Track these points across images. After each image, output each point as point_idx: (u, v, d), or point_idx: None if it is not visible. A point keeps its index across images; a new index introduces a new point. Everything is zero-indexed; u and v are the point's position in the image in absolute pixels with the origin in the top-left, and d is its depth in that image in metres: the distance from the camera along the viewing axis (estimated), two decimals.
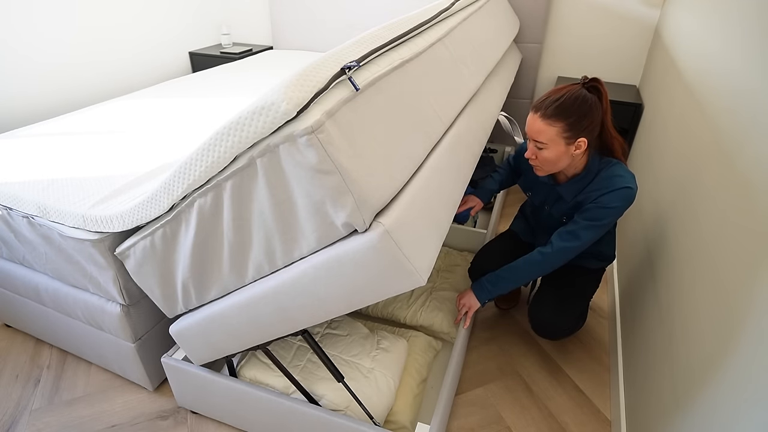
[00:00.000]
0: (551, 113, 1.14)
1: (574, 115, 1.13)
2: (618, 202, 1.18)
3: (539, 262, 1.29)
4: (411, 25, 1.12)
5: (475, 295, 1.41)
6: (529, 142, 1.22)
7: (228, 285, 1.02)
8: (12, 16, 2.02)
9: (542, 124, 1.15)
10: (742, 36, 1.07)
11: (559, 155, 1.18)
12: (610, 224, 1.23)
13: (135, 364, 1.39)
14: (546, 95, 1.18)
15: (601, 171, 1.23)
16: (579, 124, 1.14)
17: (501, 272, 1.37)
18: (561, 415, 1.39)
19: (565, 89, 1.16)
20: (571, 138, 1.15)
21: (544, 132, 1.15)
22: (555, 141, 1.16)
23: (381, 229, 0.76)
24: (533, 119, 1.17)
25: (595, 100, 1.15)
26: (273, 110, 0.71)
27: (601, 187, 1.21)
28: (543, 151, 1.18)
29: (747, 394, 0.68)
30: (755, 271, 0.74)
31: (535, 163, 1.24)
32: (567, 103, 1.13)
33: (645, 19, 2.22)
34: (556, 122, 1.14)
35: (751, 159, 0.85)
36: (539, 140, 1.17)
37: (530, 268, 1.31)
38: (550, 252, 1.27)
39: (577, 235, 1.24)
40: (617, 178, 1.19)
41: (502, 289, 1.37)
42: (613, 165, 1.23)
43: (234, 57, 2.82)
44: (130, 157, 1.48)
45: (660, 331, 1.15)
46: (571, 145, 1.17)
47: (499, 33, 1.89)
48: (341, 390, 1.22)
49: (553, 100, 1.14)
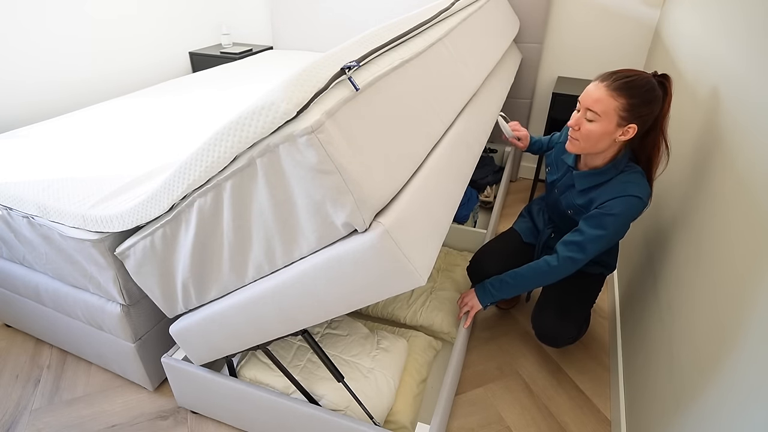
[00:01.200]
0: (619, 86, 1.08)
1: (638, 97, 1.08)
2: (623, 208, 1.15)
3: (545, 272, 1.28)
4: (411, 25, 1.12)
5: (478, 297, 1.41)
6: (578, 112, 1.17)
7: (228, 285, 1.02)
8: (12, 18, 2.02)
9: (605, 94, 1.10)
10: (742, 36, 1.07)
11: (604, 133, 1.13)
12: (617, 234, 1.19)
13: (135, 364, 1.39)
14: (616, 70, 1.13)
15: (621, 174, 1.20)
16: (639, 109, 1.09)
17: (506, 278, 1.36)
18: (561, 415, 1.39)
19: (637, 72, 1.11)
20: (625, 120, 1.11)
21: (603, 101, 1.10)
22: (609, 116, 1.10)
23: (381, 229, 0.76)
24: (596, 87, 1.11)
25: (661, 95, 1.12)
26: (273, 110, 0.71)
27: (613, 191, 1.18)
28: (591, 123, 1.13)
29: (747, 394, 0.68)
30: (755, 271, 0.74)
31: (575, 134, 1.18)
32: (637, 83, 1.09)
33: (645, 19, 2.22)
34: (619, 97, 1.09)
35: (751, 159, 0.85)
36: (594, 109, 1.11)
37: (536, 278, 1.31)
38: (556, 265, 1.26)
39: (583, 248, 1.22)
40: (631, 185, 1.16)
41: (505, 295, 1.37)
42: (634, 172, 1.19)
43: (234, 57, 2.82)
44: (130, 157, 1.47)
45: (660, 331, 1.15)
46: (621, 127, 1.12)
47: (499, 33, 1.89)
48: (341, 390, 1.22)
49: (623, 75, 1.10)
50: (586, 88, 1.16)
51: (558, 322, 1.37)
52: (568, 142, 1.22)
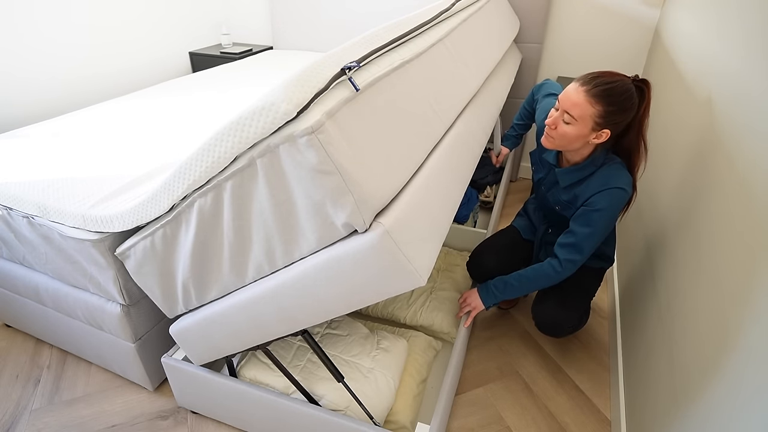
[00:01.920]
0: (598, 93, 1.09)
1: (616, 105, 1.10)
2: (607, 202, 1.18)
3: (549, 276, 1.30)
4: (411, 26, 1.12)
5: (481, 298, 1.41)
6: (556, 111, 1.18)
7: (228, 285, 1.02)
8: (11, 18, 2.02)
9: (583, 99, 1.10)
10: (742, 36, 1.07)
11: (579, 136, 1.15)
12: (606, 228, 1.22)
13: (135, 364, 1.39)
14: (597, 73, 1.13)
15: (601, 167, 1.22)
16: (614, 116, 1.11)
17: (510, 279, 1.37)
18: (561, 415, 1.39)
19: (618, 77, 1.12)
20: (599, 126, 1.13)
21: (581, 107, 1.11)
22: (585, 120, 1.12)
23: (381, 230, 0.76)
24: (577, 91, 1.12)
25: (637, 101, 1.13)
26: (273, 110, 0.71)
27: (596, 185, 1.21)
28: (567, 126, 1.15)
29: (747, 394, 0.68)
30: (755, 271, 0.74)
31: (551, 132, 1.19)
32: (617, 90, 1.10)
33: (645, 19, 2.22)
34: (596, 104, 1.10)
35: (751, 159, 0.85)
36: (571, 113, 1.12)
37: (540, 281, 1.32)
38: (560, 270, 1.28)
39: (579, 249, 1.25)
40: (613, 177, 1.19)
41: (508, 296, 1.37)
42: (614, 163, 1.21)
43: (234, 57, 2.82)
44: (130, 157, 1.47)
45: (660, 331, 1.15)
46: (594, 132, 1.14)
47: (499, 33, 1.89)
48: (341, 390, 1.22)
49: (604, 81, 1.10)
50: (566, 89, 1.16)
51: (559, 310, 1.38)
52: (544, 137, 1.24)
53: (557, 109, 1.18)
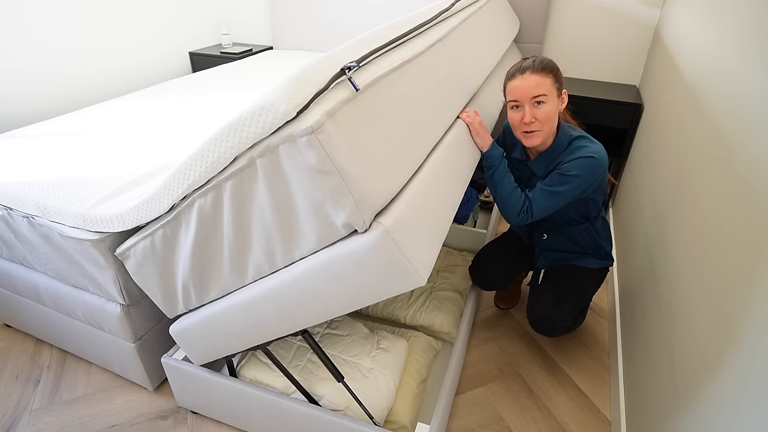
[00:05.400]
0: (541, 67, 1.20)
1: (554, 68, 1.22)
2: (579, 170, 1.21)
3: (514, 206, 1.27)
4: (411, 26, 1.12)
5: (486, 144, 1.31)
6: (523, 108, 1.22)
7: (228, 285, 1.02)
8: (11, 17, 2.02)
9: (538, 77, 1.19)
10: (742, 36, 1.07)
11: (555, 108, 1.22)
12: (571, 192, 1.23)
13: (135, 364, 1.39)
14: (520, 63, 1.24)
15: (571, 143, 1.27)
16: (559, 77, 1.23)
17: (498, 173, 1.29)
18: (561, 415, 1.39)
19: (530, 56, 1.25)
20: (559, 90, 1.23)
21: (542, 84, 1.19)
22: (551, 91, 1.21)
23: (381, 230, 0.76)
24: (526, 78, 1.20)
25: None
26: (273, 110, 0.71)
27: (568, 158, 1.25)
28: (543, 106, 1.20)
29: (747, 393, 0.68)
30: (755, 271, 0.74)
31: (535, 126, 1.22)
32: (545, 60, 1.22)
33: (645, 19, 2.22)
34: (548, 74, 1.20)
35: (751, 159, 0.85)
36: (540, 92, 1.19)
37: (507, 200, 1.28)
38: (528, 205, 1.27)
39: (553, 194, 1.24)
40: (583, 148, 1.24)
41: (489, 173, 1.31)
42: (582, 138, 1.27)
43: (234, 57, 2.82)
44: (130, 157, 1.48)
45: (660, 331, 1.15)
46: (559, 98, 1.23)
47: (499, 33, 1.89)
48: (341, 390, 1.22)
49: (532, 61, 1.22)
50: (512, 86, 1.23)
51: (553, 309, 1.38)
52: (528, 138, 1.25)
53: (518, 106, 1.23)
